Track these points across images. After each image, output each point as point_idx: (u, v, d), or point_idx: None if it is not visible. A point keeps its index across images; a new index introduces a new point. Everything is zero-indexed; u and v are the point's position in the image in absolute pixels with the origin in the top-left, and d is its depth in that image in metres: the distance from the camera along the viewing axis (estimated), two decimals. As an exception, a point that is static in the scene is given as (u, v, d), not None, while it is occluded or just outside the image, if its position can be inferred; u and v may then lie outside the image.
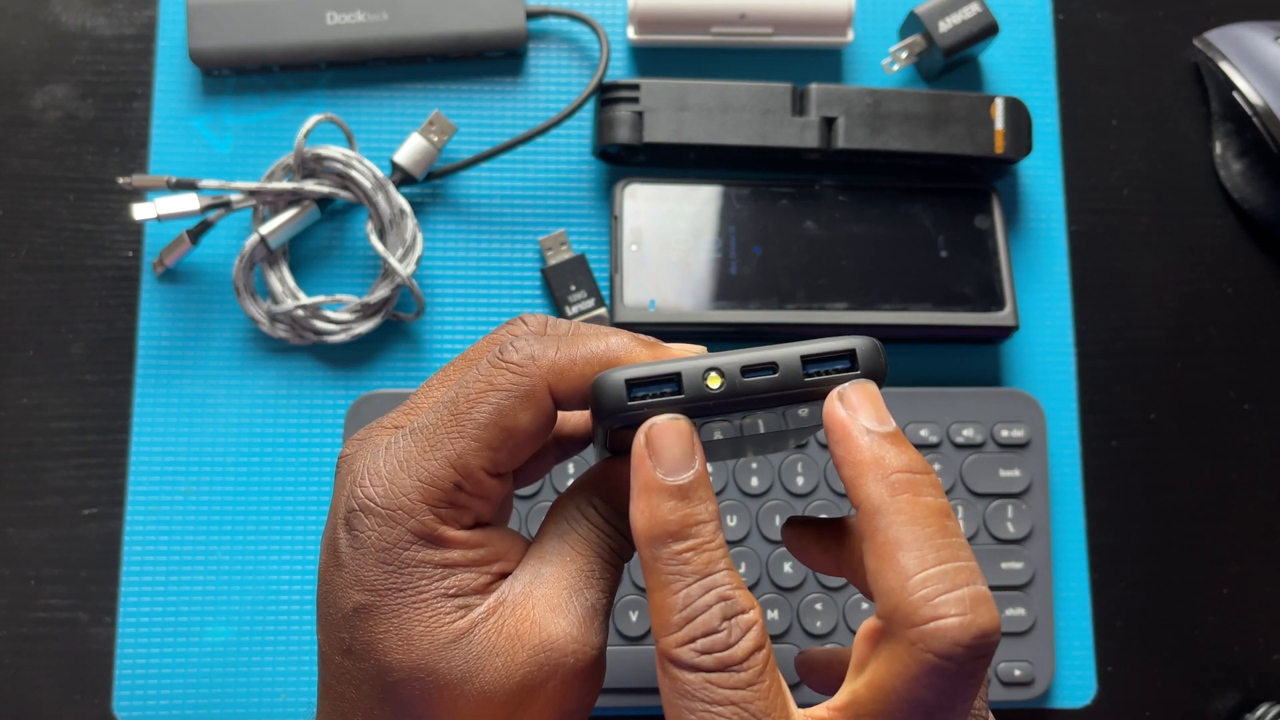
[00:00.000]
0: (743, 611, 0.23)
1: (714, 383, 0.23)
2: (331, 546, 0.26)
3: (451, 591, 0.25)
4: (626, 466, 0.26)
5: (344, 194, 0.45)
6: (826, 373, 0.23)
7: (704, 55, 0.50)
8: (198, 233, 0.45)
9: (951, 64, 0.49)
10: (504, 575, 0.26)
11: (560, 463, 0.31)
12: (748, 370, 0.23)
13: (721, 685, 0.22)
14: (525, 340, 0.25)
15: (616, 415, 0.23)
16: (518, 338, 0.26)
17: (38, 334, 0.46)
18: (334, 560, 0.26)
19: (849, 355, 0.23)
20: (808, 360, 0.23)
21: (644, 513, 0.23)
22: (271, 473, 0.45)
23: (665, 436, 0.23)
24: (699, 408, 0.23)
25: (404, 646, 0.25)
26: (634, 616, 0.43)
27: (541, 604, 0.25)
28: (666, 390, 0.23)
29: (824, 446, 0.45)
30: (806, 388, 0.23)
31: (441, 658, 0.24)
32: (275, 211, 0.45)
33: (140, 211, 0.44)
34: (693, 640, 0.22)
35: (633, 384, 0.23)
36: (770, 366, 0.23)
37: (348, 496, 0.25)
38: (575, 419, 0.30)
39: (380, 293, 0.45)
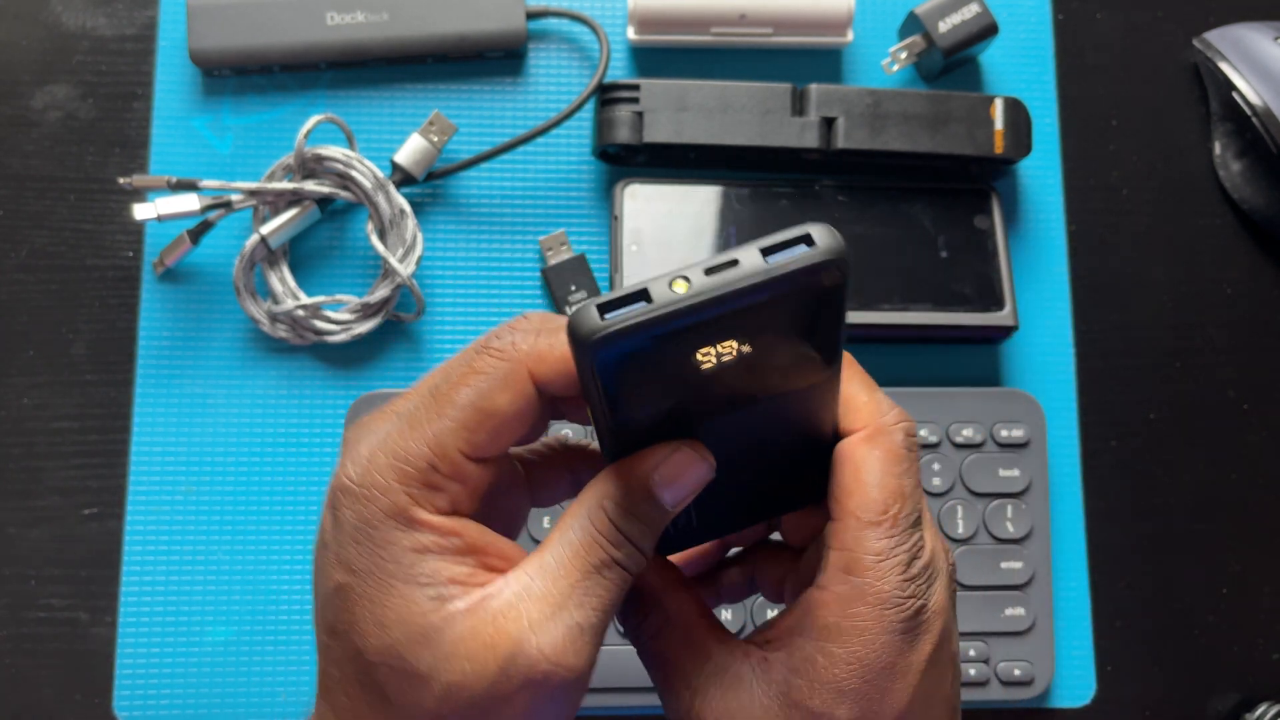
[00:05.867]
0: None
1: (680, 287, 0.23)
2: (320, 529, 0.26)
3: (424, 579, 0.25)
4: (638, 463, 0.25)
5: (344, 194, 0.45)
6: (787, 258, 0.23)
7: (704, 55, 0.50)
8: (198, 233, 0.45)
9: (951, 64, 0.49)
10: (488, 570, 0.26)
11: (532, 508, 0.30)
12: (710, 270, 0.23)
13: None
14: (510, 330, 0.26)
15: (593, 339, 0.22)
16: (504, 329, 0.26)
17: (38, 334, 0.46)
18: (320, 542, 0.26)
19: (805, 238, 0.23)
20: (766, 250, 0.23)
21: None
22: (271, 473, 0.45)
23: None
24: (676, 332, 0.23)
25: (378, 630, 0.25)
26: (634, 616, 0.43)
27: (523, 618, 0.25)
28: (638, 307, 0.23)
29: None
30: (771, 275, 0.23)
31: (410, 647, 0.24)
32: (275, 211, 0.45)
33: (140, 211, 0.44)
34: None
35: (604, 307, 0.23)
36: (731, 262, 0.23)
37: (333, 478, 0.26)
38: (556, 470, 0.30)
39: (380, 293, 0.45)
